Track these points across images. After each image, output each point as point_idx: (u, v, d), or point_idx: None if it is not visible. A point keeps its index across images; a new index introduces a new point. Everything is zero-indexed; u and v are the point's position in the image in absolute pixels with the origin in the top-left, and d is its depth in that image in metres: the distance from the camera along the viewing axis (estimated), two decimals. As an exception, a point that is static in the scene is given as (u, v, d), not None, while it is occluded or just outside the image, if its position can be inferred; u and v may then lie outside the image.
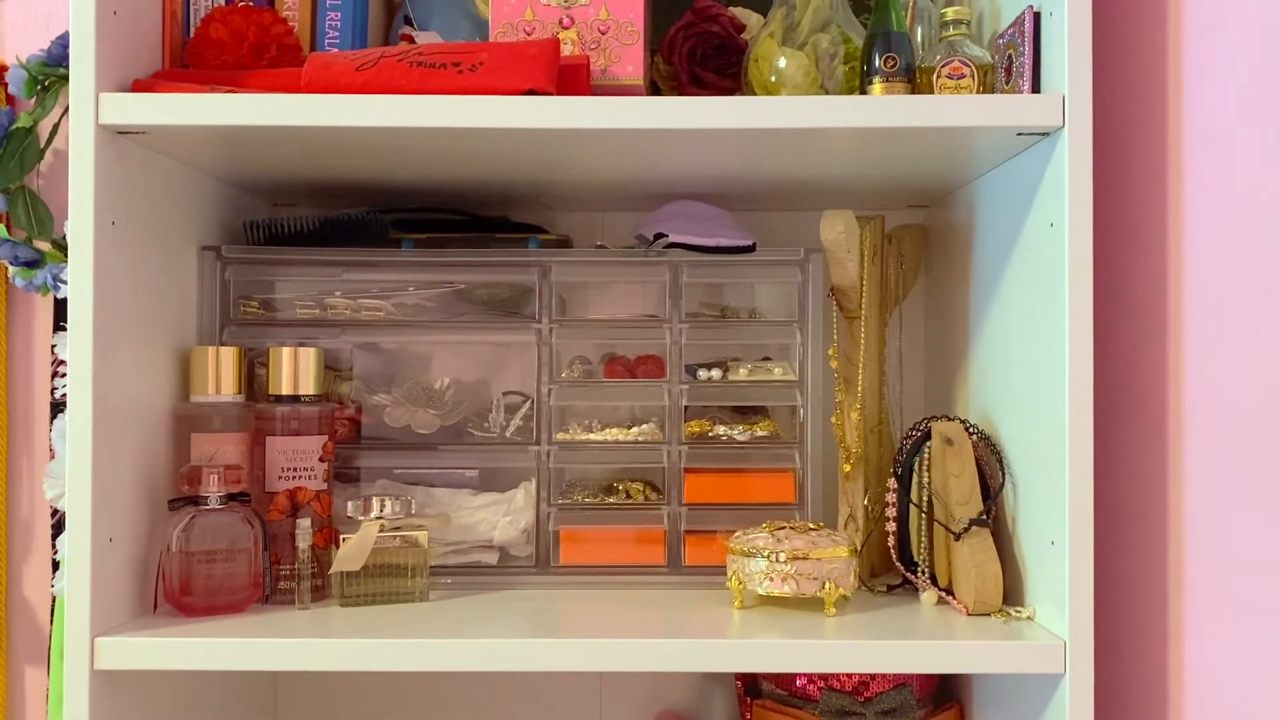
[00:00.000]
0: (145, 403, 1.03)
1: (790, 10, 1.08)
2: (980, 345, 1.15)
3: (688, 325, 1.17)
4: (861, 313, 1.18)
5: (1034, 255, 1.00)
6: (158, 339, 1.05)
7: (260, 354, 1.13)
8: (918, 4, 1.14)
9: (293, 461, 1.07)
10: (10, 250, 1.27)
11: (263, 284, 1.17)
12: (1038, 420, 0.99)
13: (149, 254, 1.03)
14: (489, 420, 1.19)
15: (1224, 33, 0.88)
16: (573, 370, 1.19)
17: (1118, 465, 1.03)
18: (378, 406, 1.18)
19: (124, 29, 0.97)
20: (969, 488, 1.06)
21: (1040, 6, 0.97)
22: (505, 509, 1.15)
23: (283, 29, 1.05)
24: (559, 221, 1.33)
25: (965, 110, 0.94)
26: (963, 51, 1.02)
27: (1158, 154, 0.97)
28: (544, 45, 0.98)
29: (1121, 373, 1.03)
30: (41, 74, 1.25)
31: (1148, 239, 0.98)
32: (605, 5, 1.04)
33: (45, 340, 1.35)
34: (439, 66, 0.95)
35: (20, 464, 1.35)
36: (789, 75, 1.06)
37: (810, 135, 0.97)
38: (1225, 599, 0.87)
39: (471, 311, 1.18)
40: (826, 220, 1.12)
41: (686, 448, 1.17)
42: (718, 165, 1.10)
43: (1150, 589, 0.97)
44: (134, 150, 0.99)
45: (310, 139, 0.99)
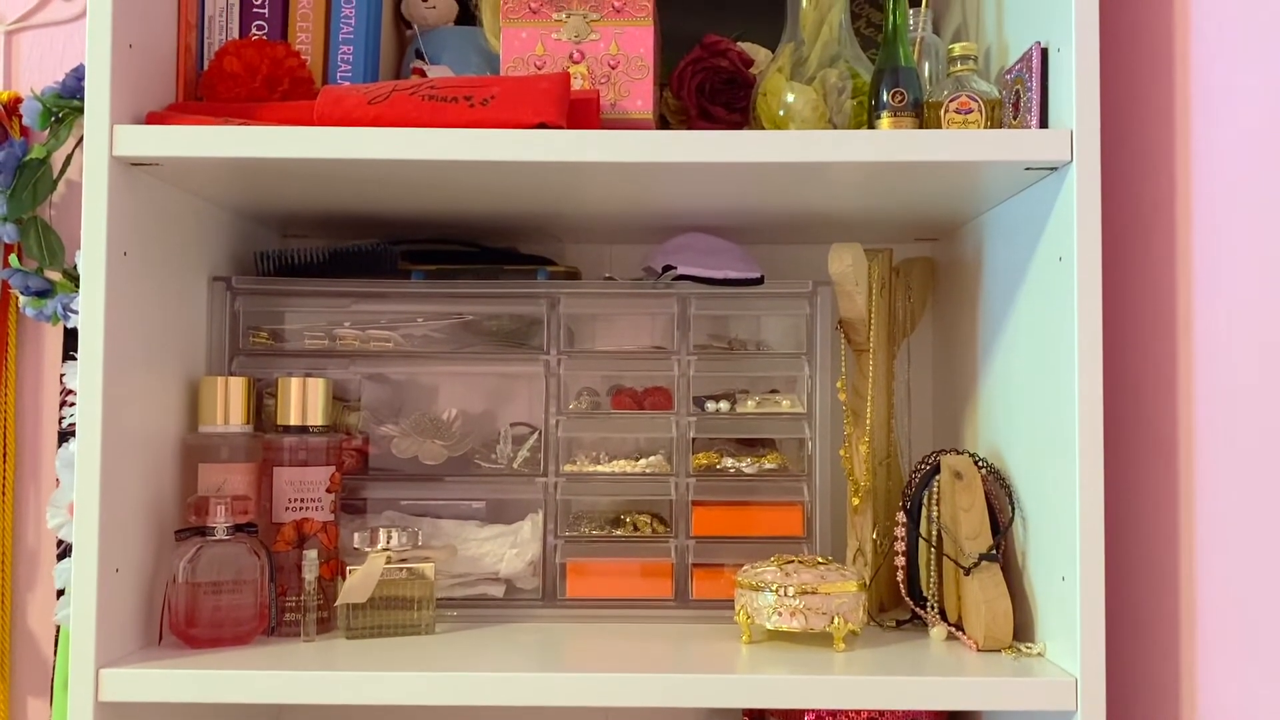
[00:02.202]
0: (154, 432, 1.03)
1: (798, 45, 1.09)
2: (989, 378, 1.15)
3: (696, 357, 1.17)
4: (870, 345, 1.18)
5: (1042, 289, 1.00)
6: (167, 369, 1.06)
7: (269, 384, 1.13)
8: (925, 40, 1.15)
9: (300, 492, 1.07)
10: (22, 280, 1.28)
11: (272, 314, 1.17)
12: (1047, 454, 0.99)
13: (160, 284, 1.04)
14: (496, 451, 1.18)
15: (1232, 67, 0.88)
16: (580, 401, 1.19)
17: (1129, 499, 1.02)
18: (385, 437, 1.18)
19: (139, 62, 0.98)
20: (978, 522, 1.06)
21: (1048, 42, 0.97)
22: (512, 541, 1.15)
23: (295, 62, 1.06)
24: (568, 253, 1.34)
25: (973, 145, 0.95)
26: (970, 86, 1.03)
27: (1166, 188, 0.97)
28: (555, 80, 0.99)
29: (1131, 406, 1.02)
30: (56, 106, 1.26)
31: (1156, 272, 0.99)
32: (615, 40, 1.05)
33: (54, 370, 1.35)
34: (451, 100, 0.96)
35: (27, 493, 1.35)
36: (797, 109, 1.07)
37: (818, 169, 0.97)
38: (1239, 635, 0.86)
39: (479, 342, 1.18)
40: (834, 253, 1.12)
41: (694, 480, 1.16)
42: (726, 198, 1.11)
43: (1162, 625, 0.97)
44: (147, 181, 1.00)
45: (322, 171, 0.99)
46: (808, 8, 1.08)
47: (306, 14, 1.10)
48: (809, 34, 1.08)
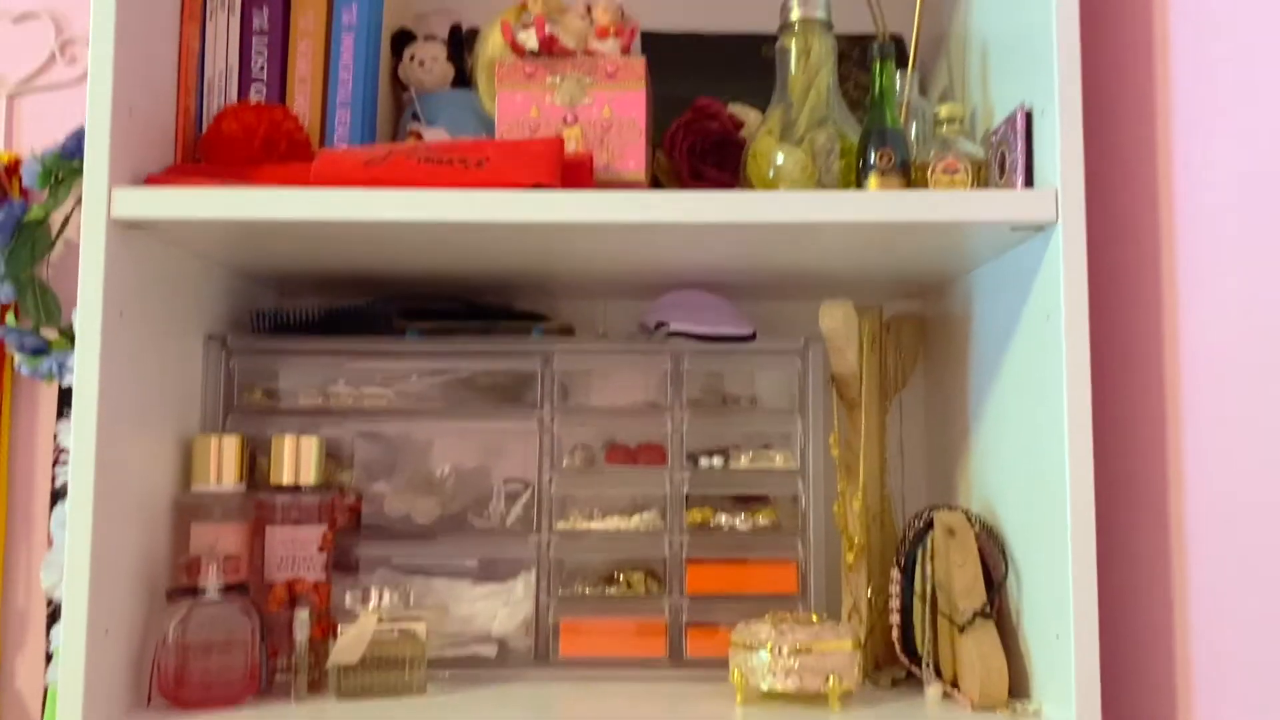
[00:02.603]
0: (146, 491, 1.03)
1: (788, 108, 1.11)
2: (980, 435, 1.15)
3: (689, 413, 1.18)
4: (862, 401, 1.19)
5: (1031, 346, 1.01)
6: (161, 427, 1.06)
7: (262, 442, 1.13)
8: (912, 102, 1.17)
9: (292, 551, 1.06)
10: (17, 338, 1.28)
11: (267, 372, 1.18)
12: (1039, 511, 0.99)
13: (155, 343, 1.04)
14: (489, 509, 1.18)
15: (1213, 127, 0.90)
16: (574, 458, 1.19)
17: (1122, 555, 1.03)
18: (378, 495, 1.18)
19: (138, 126, 0.99)
20: (972, 579, 1.06)
21: (1031, 105, 0.99)
22: (504, 599, 1.14)
23: (293, 125, 1.08)
24: (562, 309, 1.34)
25: (960, 205, 0.96)
26: (957, 147, 1.05)
27: (1150, 246, 0.98)
28: (549, 142, 1.01)
29: (1122, 462, 1.03)
30: (56, 167, 1.28)
31: (1143, 329, 1.00)
32: (609, 104, 1.07)
33: (48, 428, 1.35)
34: (446, 162, 0.97)
35: (19, 552, 1.34)
36: (787, 170, 1.08)
37: (808, 229, 0.99)
38: (1237, 693, 0.86)
39: (474, 399, 1.19)
40: (825, 310, 1.13)
41: (688, 536, 1.16)
42: (718, 256, 1.12)
43: (1158, 682, 0.96)
44: (144, 242, 1.01)
45: (319, 232, 1.01)
46: (796, 72, 1.10)
47: (305, 78, 1.12)
48: (797, 97, 1.10)
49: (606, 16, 1.10)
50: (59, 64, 1.39)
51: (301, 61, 1.12)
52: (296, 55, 1.12)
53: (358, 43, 1.13)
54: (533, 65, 1.07)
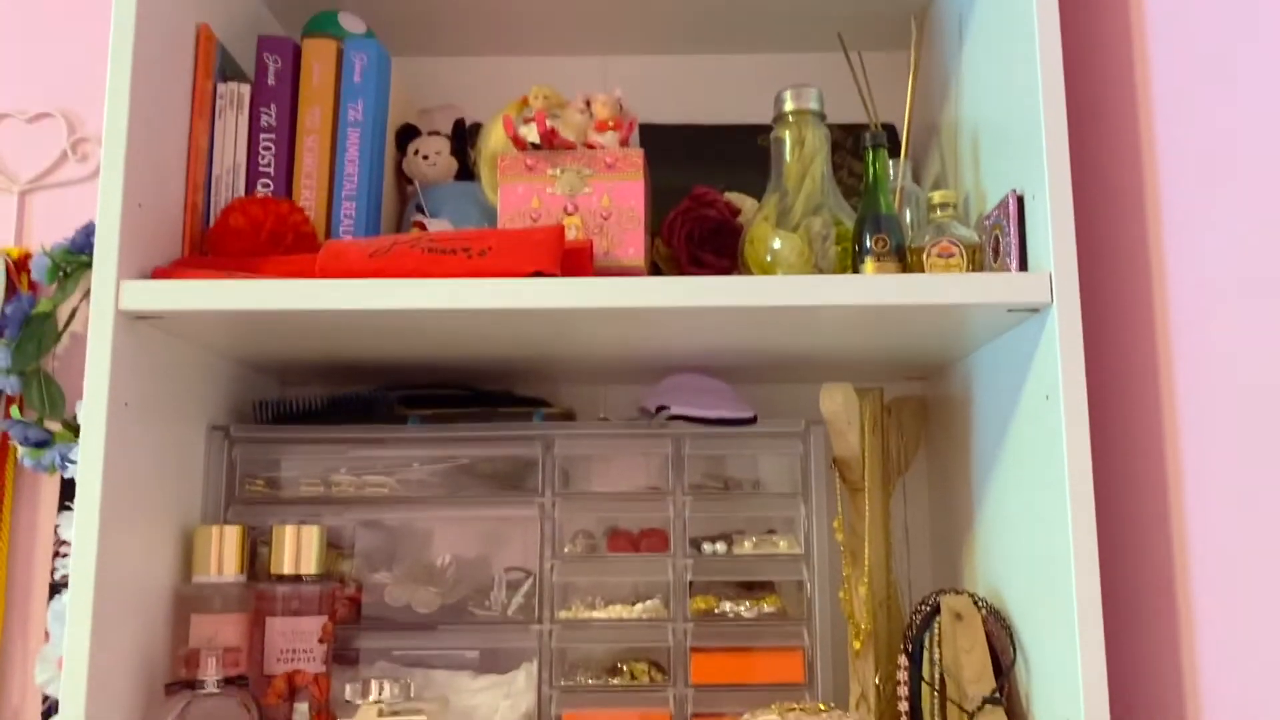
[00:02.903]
0: (147, 583, 1.02)
1: (783, 195, 1.13)
2: (984, 517, 1.15)
3: (691, 497, 1.18)
4: (865, 484, 1.19)
5: (1031, 427, 1.01)
6: (162, 518, 1.06)
7: (263, 532, 1.13)
8: (905, 188, 1.20)
9: (292, 643, 1.05)
10: (21, 431, 1.29)
11: (269, 462, 1.18)
12: (1045, 594, 0.98)
13: (158, 434, 1.05)
14: (490, 598, 1.17)
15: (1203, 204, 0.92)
16: (575, 544, 1.18)
17: (1131, 634, 1.01)
18: (378, 585, 1.17)
19: (147, 220, 1.01)
20: (980, 664, 1.04)
21: (1022, 190, 1.01)
22: (506, 691, 1.13)
23: (299, 218, 1.10)
24: (562, 394, 1.35)
25: (956, 288, 0.98)
26: (951, 232, 1.06)
27: (1145, 322, 0.99)
28: (549, 231, 1.03)
29: (1127, 540, 1.02)
30: (64, 261, 1.30)
31: (1142, 407, 1.00)
32: (608, 194, 1.09)
33: (49, 520, 1.35)
34: (449, 252, 0.99)
35: (15, 648, 1.33)
36: (784, 255, 1.10)
37: (806, 312, 1.00)
38: (1252, 780, 0.84)
39: (475, 486, 1.19)
40: (825, 393, 1.14)
41: (692, 625, 1.15)
42: (717, 341, 1.13)
43: (1175, 770, 0.94)
44: (150, 333, 1.02)
45: (324, 322, 1.02)
46: (791, 160, 1.13)
47: (311, 173, 1.15)
48: (793, 184, 1.13)
49: (606, 111, 1.13)
50: (70, 162, 1.42)
51: (308, 157, 1.15)
52: (303, 151, 1.15)
53: (363, 138, 1.15)
54: (534, 158, 1.10)
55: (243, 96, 1.14)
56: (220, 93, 1.13)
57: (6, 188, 1.41)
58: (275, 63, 1.15)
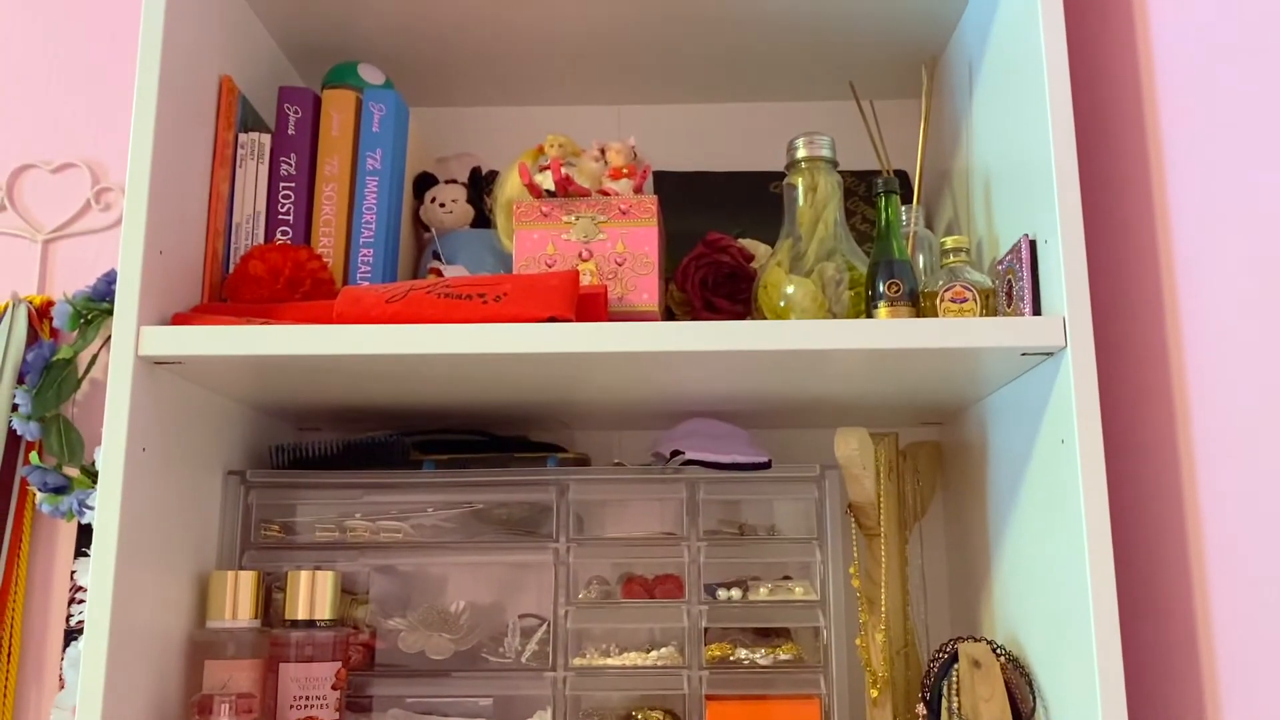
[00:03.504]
0: (161, 629, 1.02)
1: (796, 241, 1.14)
2: (1002, 563, 1.14)
3: (706, 543, 1.17)
4: (881, 530, 1.18)
5: (1047, 471, 1.00)
6: (178, 563, 1.06)
7: (278, 578, 1.13)
8: (918, 234, 1.21)
9: (305, 690, 1.05)
10: (40, 477, 1.30)
11: (284, 507, 1.18)
12: (1064, 640, 0.97)
13: (176, 479, 1.05)
14: (504, 644, 1.17)
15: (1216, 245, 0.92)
16: (590, 591, 1.18)
17: (1151, 683, 1.00)
18: (392, 631, 1.16)
19: (168, 267, 1.03)
20: (999, 712, 1.02)
21: (1035, 234, 1.02)
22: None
23: (317, 265, 1.11)
24: (577, 440, 1.35)
25: (969, 332, 0.98)
26: (964, 277, 1.07)
27: (1160, 364, 0.99)
28: (564, 276, 1.03)
29: (1145, 587, 1.01)
30: (86, 309, 1.32)
31: (1158, 450, 0.99)
32: (622, 240, 1.10)
33: (66, 567, 1.35)
34: (465, 297, 1.00)
35: (29, 695, 1.32)
36: (797, 300, 1.11)
37: (820, 356, 1.00)
38: (1281, 833, 0.82)
39: (489, 531, 1.18)
40: (840, 437, 1.14)
41: (707, 672, 1.14)
42: (731, 385, 1.13)
43: (1201, 822, 0.92)
44: (169, 379, 1.03)
45: (340, 367, 1.03)
46: (804, 206, 1.14)
47: (329, 220, 1.16)
48: (806, 230, 1.13)
49: (620, 158, 1.15)
50: (93, 211, 1.45)
51: (327, 205, 1.16)
52: (322, 199, 1.16)
53: (381, 186, 1.17)
54: (549, 205, 1.11)
55: (263, 146, 1.16)
56: (241, 142, 1.15)
57: (31, 236, 1.44)
58: (295, 113, 1.18)
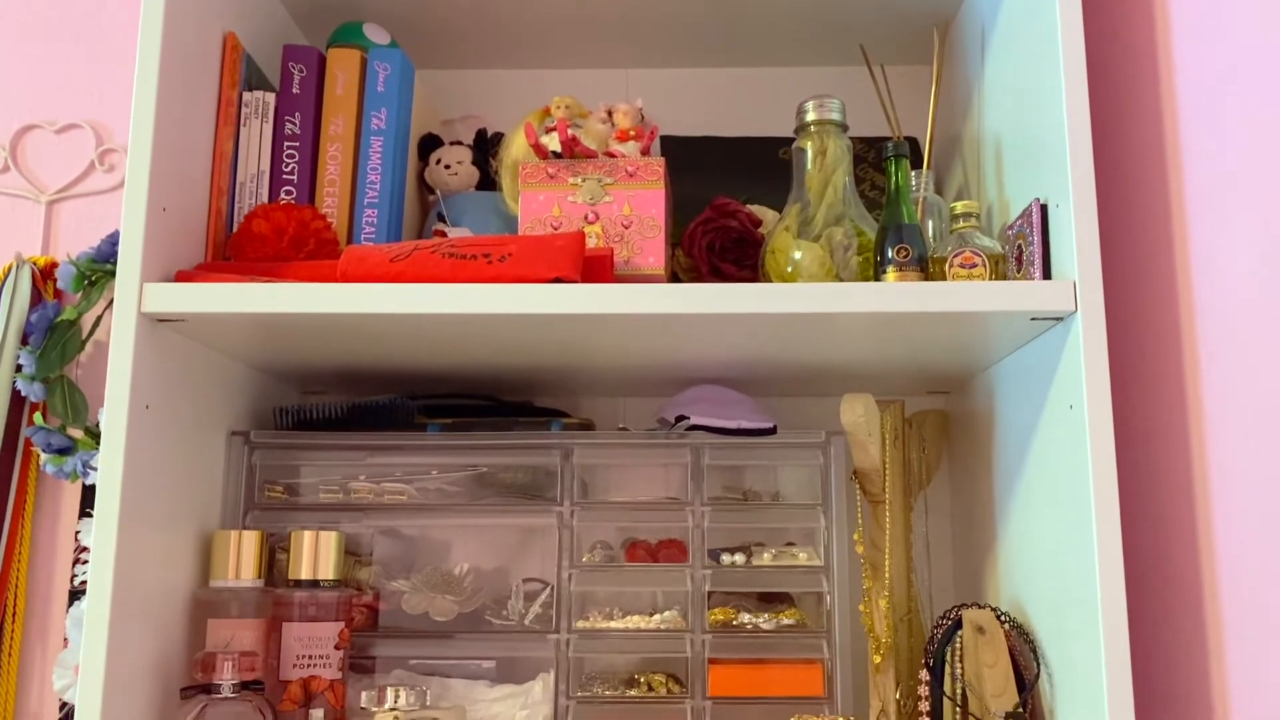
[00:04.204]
0: (164, 587, 1.02)
1: (805, 206, 1.13)
2: (1007, 530, 1.13)
3: (710, 508, 1.17)
4: (886, 497, 1.18)
5: (1055, 438, 1.00)
6: (182, 522, 1.06)
7: (282, 539, 1.13)
8: (927, 199, 1.19)
9: (308, 649, 1.05)
10: (44, 438, 1.30)
11: (288, 468, 1.18)
12: (1069, 607, 0.96)
13: (179, 438, 1.05)
14: (508, 607, 1.17)
15: (1228, 211, 0.91)
16: (594, 554, 1.18)
17: (1156, 648, 0.99)
18: (396, 592, 1.16)
19: (171, 224, 1.02)
20: (1003, 679, 1.02)
21: (1046, 199, 1.01)
22: (522, 702, 1.12)
23: (321, 224, 1.11)
24: (582, 406, 1.35)
25: (978, 296, 0.97)
26: (974, 242, 1.06)
27: (1171, 331, 0.98)
28: (570, 238, 1.03)
29: (1153, 551, 1.01)
30: (89, 270, 1.31)
31: (1168, 415, 0.99)
32: (629, 202, 1.09)
33: (70, 527, 1.35)
34: (469, 257, 0.99)
35: (34, 654, 1.33)
36: (805, 265, 1.10)
37: (827, 320, 0.99)
38: (1284, 798, 0.82)
39: (493, 495, 1.18)
40: (846, 403, 1.13)
41: (710, 636, 1.14)
42: (738, 351, 1.12)
43: (1203, 789, 0.92)
44: (172, 338, 1.03)
45: (344, 326, 1.02)
46: (813, 170, 1.12)
47: (334, 180, 1.15)
48: (814, 195, 1.12)
49: (627, 120, 1.14)
50: (97, 172, 1.44)
51: (331, 164, 1.15)
52: (326, 159, 1.15)
53: (386, 146, 1.16)
54: (555, 166, 1.10)
55: (268, 105, 1.15)
56: (246, 101, 1.14)
57: (34, 197, 1.43)
58: (300, 72, 1.16)
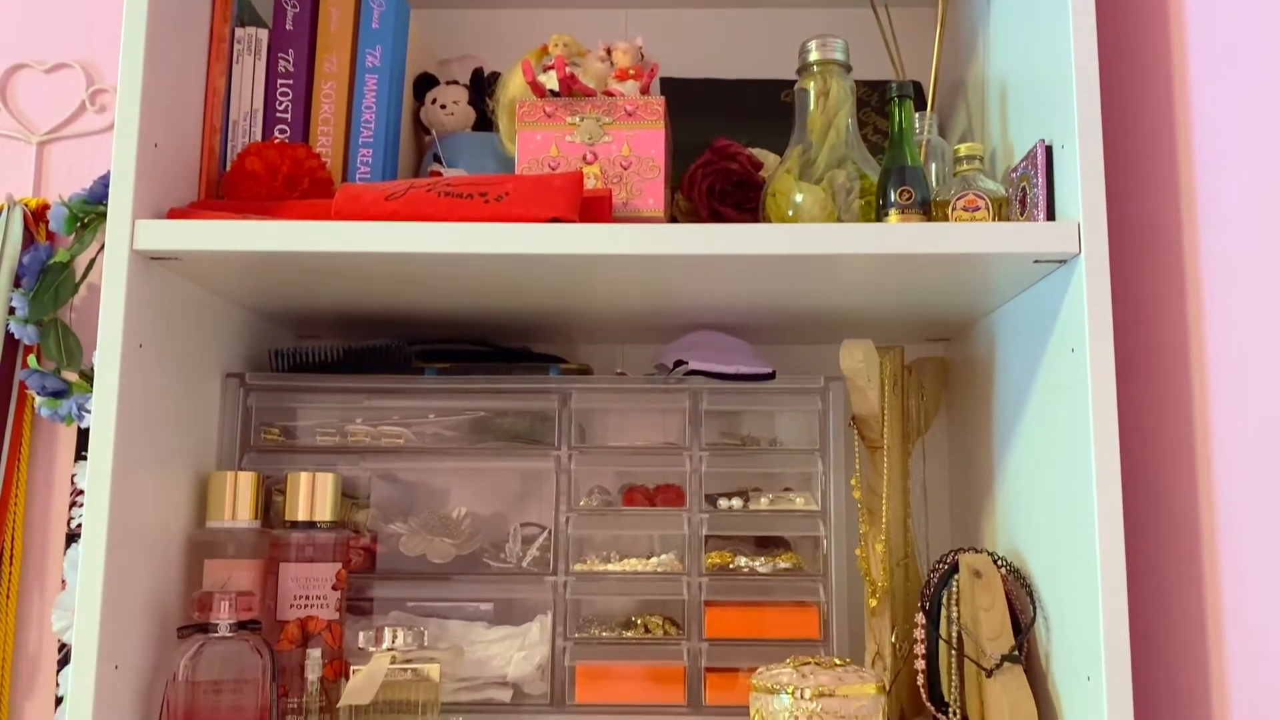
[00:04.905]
0: (161, 527, 1.02)
1: (807, 148, 1.11)
2: (1005, 476, 1.13)
3: (708, 453, 1.16)
4: (884, 443, 1.17)
5: (1056, 382, 0.99)
6: (177, 463, 1.05)
7: (278, 481, 1.12)
8: (931, 142, 1.18)
9: (305, 589, 1.05)
10: (39, 380, 1.29)
11: (284, 411, 1.17)
12: (1067, 551, 0.96)
13: (174, 379, 1.04)
14: (505, 551, 1.17)
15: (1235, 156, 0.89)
16: (591, 499, 1.18)
17: (1155, 593, 1.00)
18: (393, 535, 1.16)
19: (163, 161, 1.00)
20: (999, 622, 1.03)
21: (1051, 139, 0.99)
22: (520, 643, 1.12)
23: (315, 163, 1.09)
24: (580, 352, 1.34)
25: (982, 237, 0.96)
26: (977, 185, 1.04)
27: (1175, 276, 0.97)
28: (568, 177, 1.01)
29: (1151, 498, 1.00)
30: (82, 211, 1.29)
31: (1170, 359, 0.98)
32: (628, 142, 1.08)
33: (66, 470, 1.35)
34: (466, 196, 0.98)
35: (32, 596, 1.33)
36: (806, 208, 1.08)
37: (828, 262, 0.98)
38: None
39: (491, 440, 1.18)
40: (845, 348, 1.12)
41: (707, 579, 1.14)
42: (737, 294, 1.11)
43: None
44: (166, 276, 1.01)
45: (339, 266, 1.01)
46: (815, 111, 1.11)
47: (328, 119, 1.13)
48: (817, 137, 1.11)
49: (626, 59, 1.12)
50: (89, 113, 1.42)
51: (325, 103, 1.14)
52: (320, 97, 1.14)
53: (381, 84, 1.14)
54: (553, 105, 1.08)
55: (260, 42, 1.13)
56: (238, 37, 1.12)
57: (25, 138, 1.41)
58: (294, 7, 1.14)
